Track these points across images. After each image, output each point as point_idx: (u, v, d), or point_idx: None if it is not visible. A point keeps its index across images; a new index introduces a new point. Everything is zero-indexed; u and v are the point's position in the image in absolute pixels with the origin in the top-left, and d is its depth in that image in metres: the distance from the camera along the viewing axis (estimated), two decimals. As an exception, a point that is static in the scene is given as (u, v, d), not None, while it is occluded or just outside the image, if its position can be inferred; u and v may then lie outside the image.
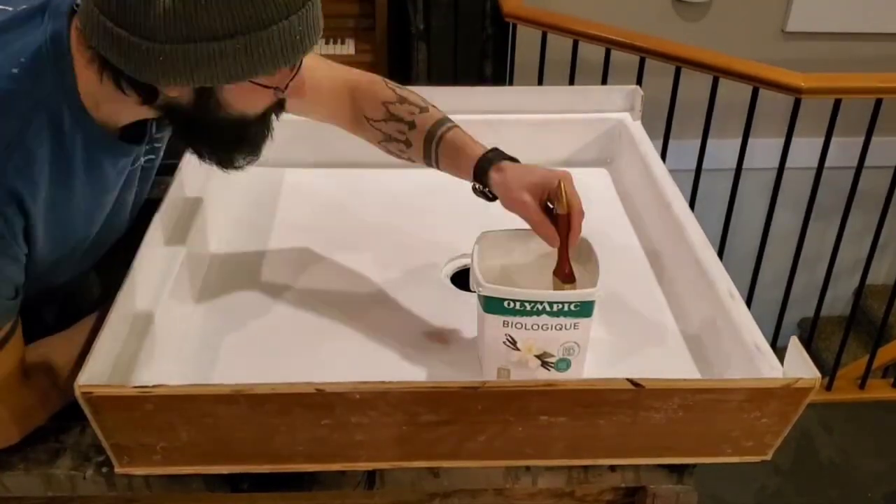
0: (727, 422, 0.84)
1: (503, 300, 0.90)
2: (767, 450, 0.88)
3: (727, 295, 0.97)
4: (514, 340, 0.92)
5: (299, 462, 0.86)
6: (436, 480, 0.91)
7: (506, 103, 1.44)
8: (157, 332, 0.93)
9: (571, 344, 0.92)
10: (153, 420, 0.80)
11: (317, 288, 1.13)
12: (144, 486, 0.89)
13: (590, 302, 0.90)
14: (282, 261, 1.19)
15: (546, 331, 0.91)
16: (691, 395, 0.82)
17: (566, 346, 0.92)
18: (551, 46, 2.42)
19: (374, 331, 1.05)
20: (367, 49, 2.53)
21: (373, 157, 1.44)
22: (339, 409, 0.80)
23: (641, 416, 0.83)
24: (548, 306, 0.90)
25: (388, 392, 0.79)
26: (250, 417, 0.80)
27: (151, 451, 0.83)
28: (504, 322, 0.91)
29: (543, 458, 0.89)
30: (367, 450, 0.85)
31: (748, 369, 0.88)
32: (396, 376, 0.80)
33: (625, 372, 0.85)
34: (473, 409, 0.82)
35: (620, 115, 1.44)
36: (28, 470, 0.88)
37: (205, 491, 0.90)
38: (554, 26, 2.35)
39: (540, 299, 0.89)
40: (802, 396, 0.82)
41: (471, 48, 2.62)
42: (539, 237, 0.96)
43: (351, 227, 1.27)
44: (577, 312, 0.90)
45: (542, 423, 0.83)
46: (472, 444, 0.85)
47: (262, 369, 0.98)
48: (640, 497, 0.95)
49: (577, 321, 0.91)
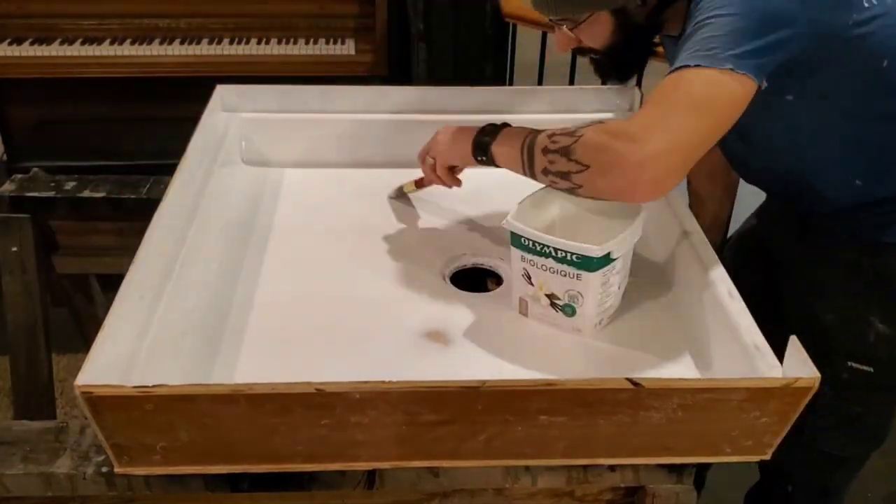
0: (726, 421, 0.85)
1: (521, 237, 0.99)
2: (767, 449, 0.88)
3: (727, 295, 0.97)
4: (530, 276, 1.02)
5: (299, 462, 0.86)
6: (436, 480, 0.91)
7: (506, 103, 1.45)
8: (157, 331, 0.93)
9: (575, 293, 0.99)
10: (153, 420, 0.80)
11: (317, 288, 1.14)
12: (144, 486, 0.89)
13: (589, 258, 0.95)
14: (281, 261, 1.19)
15: (553, 274, 0.99)
16: (691, 394, 0.82)
17: (570, 293, 0.99)
18: (551, 46, 2.42)
19: (375, 331, 1.05)
20: (367, 49, 2.53)
21: (373, 157, 1.44)
22: (339, 409, 0.80)
23: (641, 416, 0.83)
24: (553, 251, 0.97)
25: (388, 392, 0.79)
26: (250, 417, 0.80)
27: (151, 451, 0.83)
28: (522, 257, 1.01)
29: (543, 458, 0.89)
30: (367, 450, 0.85)
31: (748, 369, 0.88)
32: (396, 376, 0.80)
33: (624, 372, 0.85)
34: (473, 408, 0.82)
35: (620, 115, 1.44)
36: (28, 470, 0.88)
37: (204, 491, 0.90)
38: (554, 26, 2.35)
39: (546, 243, 0.97)
40: (802, 396, 0.82)
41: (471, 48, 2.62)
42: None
43: (351, 227, 1.27)
44: (578, 264, 0.96)
45: (541, 422, 0.83)
46: (471, 444, 0.85)
47: (263, 369, 0.98)
48: (639, 497, 0.95)
49: (580, 273, 0.97)
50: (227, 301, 1.10)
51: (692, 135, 0.92)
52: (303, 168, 1.42)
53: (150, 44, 2.49)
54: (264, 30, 2.55)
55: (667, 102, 0.93)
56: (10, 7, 2.46)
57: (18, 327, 1.56)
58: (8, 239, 1.50)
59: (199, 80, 1.65)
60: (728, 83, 0.92)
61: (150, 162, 1.90)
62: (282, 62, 2.50)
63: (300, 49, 2.52)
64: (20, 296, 1.53)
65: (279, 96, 1.43)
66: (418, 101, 1.44)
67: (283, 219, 1.29)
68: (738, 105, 0.94)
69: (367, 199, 1.35)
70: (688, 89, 0.93)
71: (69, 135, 2.61)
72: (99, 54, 2.47)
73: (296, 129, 1.44)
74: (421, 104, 1.44)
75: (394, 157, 1.42)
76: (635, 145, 0.91)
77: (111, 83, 2.54)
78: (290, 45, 2.52)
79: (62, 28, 2.50)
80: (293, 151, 1.43)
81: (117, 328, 0.87)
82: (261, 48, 2.51)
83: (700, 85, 0.93)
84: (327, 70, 2.49)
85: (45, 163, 1.99)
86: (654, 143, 0.90)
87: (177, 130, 1.29)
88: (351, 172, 1.41)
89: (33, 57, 2.45)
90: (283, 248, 1.22)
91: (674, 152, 0.91)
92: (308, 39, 2.54)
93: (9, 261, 1.51)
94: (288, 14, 2.56)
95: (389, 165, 1.42)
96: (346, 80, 2.07)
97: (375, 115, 1.44)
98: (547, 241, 0.97)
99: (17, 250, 1.50)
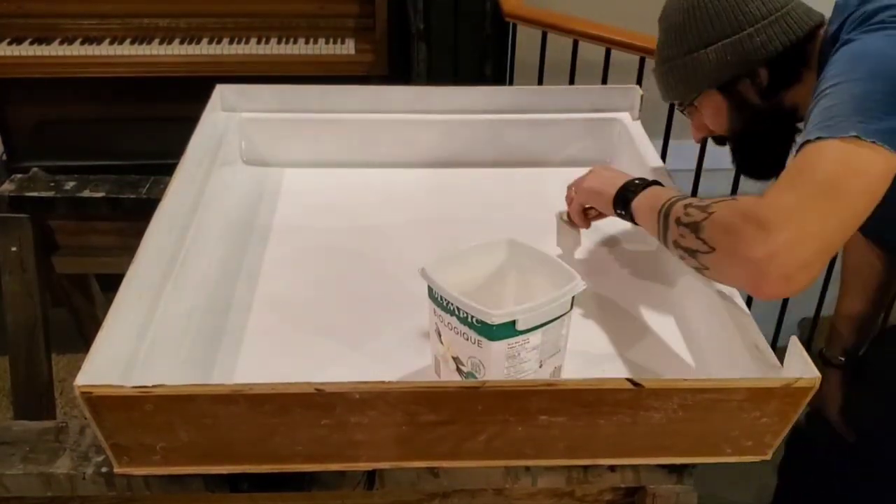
0: (727, 421, 0.84)
1: (432, 288, 0.88)
2: (767, 449, 0.88)
3: (727, 294, 0.97)
4: (439, 332, 0.90)
5: (299, 462, 0.86)
6: (436, 480, 0.91)
7: (506, 103, 1.45)
8: (157, 331, 0.93)
9: (476, 361, 0.86)
10: (153, 420, 0.80)
11: (317, 287, 1.13)
12: (144, 486, 0.89)
13: (488, 325, 0.82)
14: (281, 261, 1.19)
15: (457, 335, 0.87)
16: (691, 394, 0.82)
17: (472, 360, 0.87)
18: (551, 46, 2.42)
19: (374, 331, 1.05)
20: (367, 49, 2.53)
21: (372, 157, 1.44)
22: (339, 409, 0.80)
23: (641, 416, 0.83)
24: (455, 310, 0.85)
25: (388, 392, 0.79)
26: (250, 417, 0.80)
27: (151, 452, 0.83)
28: (433, 310, 0.89)
29: (543, 458, 0.89)
30: (367, 450, 0.85)
31: (748, 369, 0.88)
32: (396, 376, 0.80)
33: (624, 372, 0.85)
34: (473, 409, 0.81)
35: (620, 114, 1.44)
36: (28, 470, 0.88)
37: (204, 491, 0.90)
38: (554, 26, 2.35)
39: (449, 298, 0.86)
40: (802, 396, 0.82)
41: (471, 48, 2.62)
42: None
43: (350, 227, 1.27)
44: (478, 329, 0.84)
45: (541, 423, 0.83)
46: (471, 444, 0.85)
47: (263, 369, 0.98)
48: (639, 497, 0.95)
49: (480, 339, 0.84)
50: (227, 301, 1.10)
51: (826, 220, 0.82)
52: (303, 168, 1.42)
53: (150, 43, 2.50)
54: (264, 30, 2.56)
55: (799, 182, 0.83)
56: (10, 7, 2.47)
57: (18, 327, 1.56)
58: (8, 239, 1.50)
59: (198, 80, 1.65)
60: (859, 155, 0.82)
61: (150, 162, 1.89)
62: (282, 62, 2.50)
63: (300, 49, 2.52)
64: (20, 296, 1.53)
65: (279, 96, 1.43)
66: (418, 101, 1.44)
67: (283, 219, 1.29)
68: (875, 180, 0.84)
69: (367, 199, 1.35)
70: (816, 167, 0.83)
71: (69, 135, 2.61)
72: (99, 54, 2.47)
73: (296, 129, 1.44)
74: (421, 104, 1.44)
75: (394, 157, 1.42)
76: (764, 233, 0.81)
77: (111, 83, 2.54)
78: (290, 44, 2.52)
79: (62, 28, 2.50)
80: (293, 151, 1.43)
81: (117, 328, 0.87)
82: (261, 48, 2.51)
83: (829, 162, 0.83)
84: (327, 70, 2.49)
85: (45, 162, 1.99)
86: (784, 232, 0.80)
87: (177, 130, 1.29)
88: (351, 172, 1.41)
89: (33, 57, 2.45)
90: (282, 248, 1.22)
91: (807, 242, 0.81)
92: (308, 39, 2.54)
93: (8, 261, 1.51)
94: (288, 14, 2.56)
95: (389, 165, 1.42)
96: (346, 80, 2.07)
97: (375, 115, 1.44)
98: (450, 296, 0.85)
99: (17, 250, 1.50)
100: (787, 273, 0.81)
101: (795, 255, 0.81)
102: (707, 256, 0.88)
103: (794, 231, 0.80)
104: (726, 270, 0.87)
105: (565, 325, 0.89)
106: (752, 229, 0.82)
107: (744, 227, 0.83)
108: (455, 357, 0.89)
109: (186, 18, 2.54)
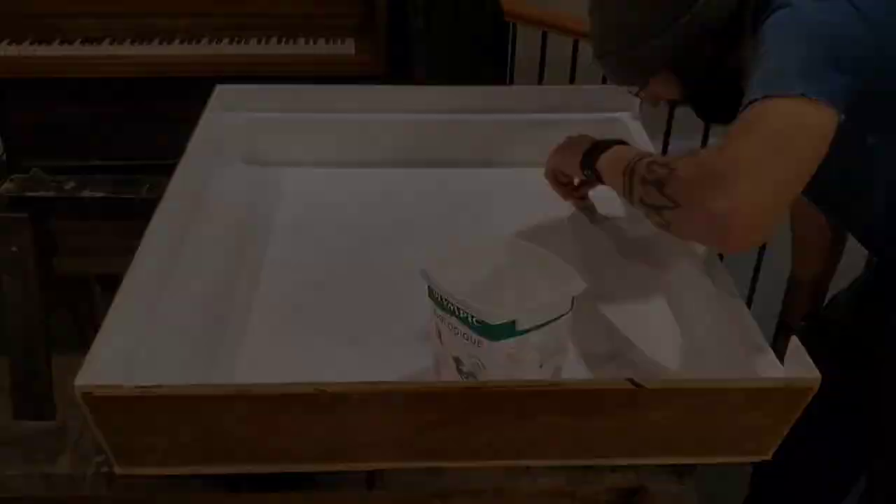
0: (727, 422, 0.84)
1: (432, 288, 0.88)
2: (767, 450, 0.88)
3: (727, 294, 0.97)
4: (440, 332, 0.89)
5: (299, 462, 0.86)
6: (436, 481, 0.91)
7: (506, 103, 1.45)
8: (157, 332, 0.93)
9: (477, 361, 0.85)
10: (153, 420, 0.80)
11: (317, 287, 1.13)
12: (144, 486, 0.89)
13: (488, 325, 0.82)
14: (281, 260, 1.19)
15: (457, 335, 0.86)
16: (691, 395, 0.82)
17: (472, 360, 0.86)
18: (551, 46, 2.42)
19: (374, 331, 1.05)
20: (367, 49, 2.53)
21: (373, 157, 1.44)
22: (339, 409, 0.80)
23: (641, 417, 0.83)
24: (456, 310, 0.84)
25: (388, 392, 0.79)
26: (250, 417, 0.80)
27: (151, 451, 0.83)
28: (434, 310, 0.89)
29: (543, 458, 0.89)
30: (367, 450, 0.85)
31: (748, 369, 0.88)
32: (396, 377, 0.80)
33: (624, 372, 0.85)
34: (473, 409, 0.81)
35: (620, 114, 1.44)
36: (28, 470, 0.88)
37: (204, 491, 0.90)
38: (554, 26, 2.35)
39: (449, 298, 0.85)
40: (802, 396, 0.82)
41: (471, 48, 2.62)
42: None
43: (350, 227, 1.27)
44: (478, 329, 0.83)
45: (542, 423, 0.83)
46: (472, 445, 0.85)
47: (263, 369, 0.98)
48: (639, 497, 0.95)
49: (480, 339, 0.84)
50: (227, 301, 1.10)
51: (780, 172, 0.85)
52: (303, 168, 1.42)
53: (150, 43, 2.49)
54: (264, 30, 2.55)
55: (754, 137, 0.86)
56: (9, 7, 2.46)
57: (18, 327, 1.55)
58: (7, 239, 1.50)
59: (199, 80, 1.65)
60: (806, 112, 0.86)
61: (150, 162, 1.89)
62: (282, 62, 2.50)
63: (300, 49, 2.51)
64: (20, 296, 1.53)
65: (279, 96, 1.43)
66: (418, 101, 1.44)
67: (283, 219, 1.29)
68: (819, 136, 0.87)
69: (366, 199, 1.35)
70: (767, 123, 0.87)
71: (69, 135, 2.61)
72: (99, 54, 2.46)
73: (296, 129, 1.44)
74: (421, 104, 1.44)
75: (394, 157, 1.42)
76: (723, 187, 0.84)
77: (111, 83, 2.54)
78: (290, 44, 2.52)
79: (62, 28, 2.50)
80: (293, 151, 1.43)
81: (117, 328, 0.87)
82: (261, 48, 2.51)
83: (778, 117, 0.86)
84: (327, 70, 2.49)
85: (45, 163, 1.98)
86: (742, 184, 0.84)
87: (177, 130, 1.29)
88: (351, 172, 1.40)
89: (33, 57, 2.45)
90: (282, 248, 1.22)
91: (765, 193, 0.84)
92: (308, 39, 2.54)
93: (8, 261, 1.51)
94: (288, 14, 2.56)
95: (389, 165, 1.42)
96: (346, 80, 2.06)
97: (375, 115, 1.44)
98: (449, 296, 0.84)
99: (17, 250, 1.50)
100: (749, 223, 0.84)
101: (755, 206, 0.84)
102: (671, 212, 0.90)
103: (751, 183, 0.84)
104: (691, 225, 0.90)
105: (566, 325, 0.89)
106: (712, 182, 0.85)
107: (703, 181, 0.86)
108: (455, 357, 0.89)
109: (186, 18, 2.54)
